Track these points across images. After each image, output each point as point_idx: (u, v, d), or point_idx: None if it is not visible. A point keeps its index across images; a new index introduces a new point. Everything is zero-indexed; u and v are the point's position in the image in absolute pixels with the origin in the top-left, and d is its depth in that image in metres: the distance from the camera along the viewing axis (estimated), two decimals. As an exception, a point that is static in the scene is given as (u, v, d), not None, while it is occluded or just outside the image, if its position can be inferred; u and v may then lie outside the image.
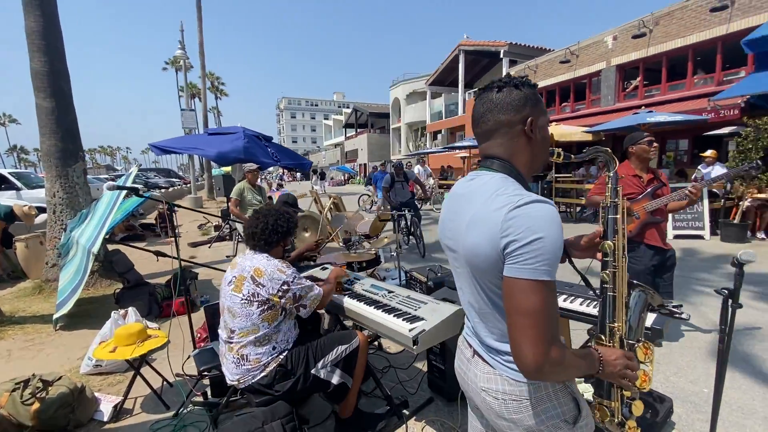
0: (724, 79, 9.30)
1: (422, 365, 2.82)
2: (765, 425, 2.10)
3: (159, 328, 2.99)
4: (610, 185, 1.06)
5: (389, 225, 6.04)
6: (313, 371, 1.93)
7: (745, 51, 7.41)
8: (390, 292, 2.32)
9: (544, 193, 10.57)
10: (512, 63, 16.99)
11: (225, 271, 2.06)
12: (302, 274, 2.14)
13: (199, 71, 17.89)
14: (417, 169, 13.81)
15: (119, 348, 2.43)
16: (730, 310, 1.58)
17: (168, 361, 2.69)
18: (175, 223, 3.18)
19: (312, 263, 3.18)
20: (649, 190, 2.71)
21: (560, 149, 1.05)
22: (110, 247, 5.36)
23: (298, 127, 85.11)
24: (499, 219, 0.82)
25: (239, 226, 5.05)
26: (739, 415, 2.19)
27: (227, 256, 6.60)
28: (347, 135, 41.59)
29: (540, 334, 0.79)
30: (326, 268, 2.95)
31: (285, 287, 1.87)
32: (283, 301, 1.86)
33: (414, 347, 1.78)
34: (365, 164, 34.85)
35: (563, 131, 9.25)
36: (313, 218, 5.40)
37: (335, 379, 1.98)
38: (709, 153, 7.24)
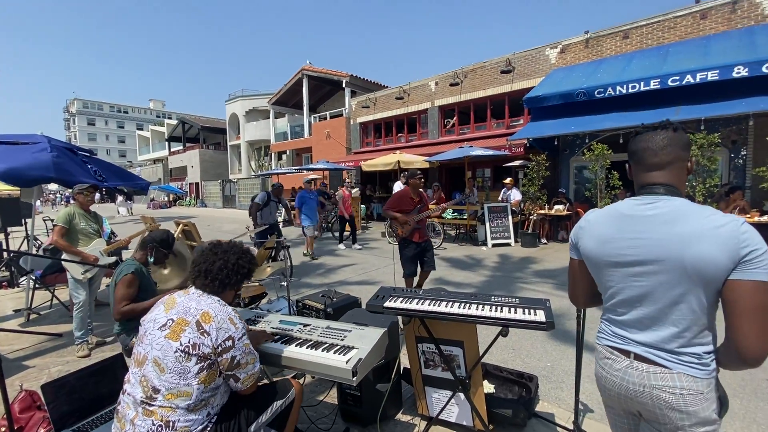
0: (511, 124, 12.40)
1: (327, 397, 2.73)
2: (591, 383, 2.88)
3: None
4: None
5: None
6: None
7: (525, 105, 10.11)
8: (306, 325, 2.20)
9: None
10: (353, 93, 18.34)
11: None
12: None
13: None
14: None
15: None
16: (581, 301, 2.13)
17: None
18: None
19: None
20: (417, 207, 4.30)
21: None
22: None
23: (99, 136, 69.03)
24: (732, 234, 0.99)
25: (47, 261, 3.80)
26: (570, 375, 2.93)
27: (14, 311, 4.86)
28: (172, 149, 36.35)
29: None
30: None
31: (228, 344, 1.51)
32: (218, 359, 1.50)
33: (353, 379, 1.74)
34: (197, 183, 31.09)
35: (407, 159, 10.53)
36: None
37: None
38: (508, 180, 9.50)
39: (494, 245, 8.70)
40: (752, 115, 6.97)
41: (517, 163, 10.29)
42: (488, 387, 2.65)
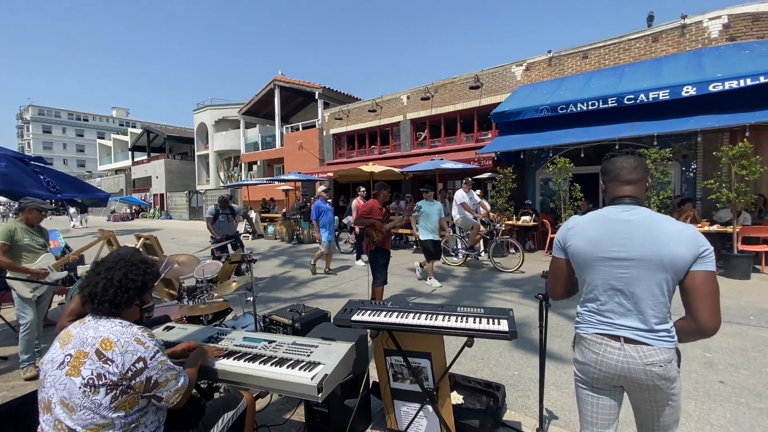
0: (480, 138, 12.77)
1: (294, 415, 2.65)
2: (557, 390, 2.95)
3: None
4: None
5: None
6: None
7: (492, 120, 10.45)
8: (271, 341, 2.13)
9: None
10: (326, 105, 18.37)
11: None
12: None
13: None
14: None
15: None
16: (544, 308, 2.20)
17: None
18: None
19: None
20: (386, 217, 4.71)
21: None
22: None
23: (55, 145, 65.34)
24: (693, 236, 1.32)
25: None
26: (536, 383, 2.99)
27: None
28: (135, 159, 34.95)
29: (719, 306, 1.31)
30: (171, 328, 2.44)
31: (139, 366, 1.40)
32: (132, 383, 1.39)
33: (319, 395, 1.70)
34: (162, 194, 29.93)
35: (381, 170, 10.57)
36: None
37: None
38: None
39: (465, 255, 8.82)
40: (700, 132, 7.52)
41: (485, 175, 10.57)
42: (457, 398, 2.65)
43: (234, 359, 1.97)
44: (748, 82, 6.90)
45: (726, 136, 8.29)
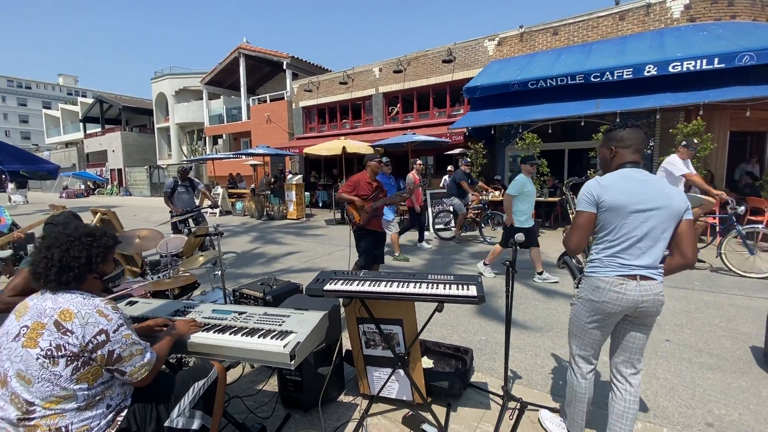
0: (453, 113, 12.77)
1: (266, 386, 2.66)
2: (520, 352, 3.11)
3: None
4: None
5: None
6: (167, 424, 1.54)
7: (464, 95, 10.44)
8: (242, 313, 2.10)
9: (336, 200, 11.55)
10: (295, 76, 17.66)
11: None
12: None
13: None
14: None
15: None
16: (511, 274, 2.27)
17: None
18: None
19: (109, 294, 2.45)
20: (374, 193, 4.04)
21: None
22: None
23: (-5, 115, 59.79)
24: (682, 194, 1.74)
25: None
26: (501, 346, 3.15)
27: None
28: (88, 132, 32.55)
29: (696, 244, 1.78)
30: (134, 302, 2.35)
31: (101, 338, 1.35)
32: (93, 356, 1.34)
33: (292, 363, 1.70)
34: (120, 169, 28.24)
35: (353, 144, 10.41)
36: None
37: (196, 424, 1.64)
38: (450, 168, 9.79)
39: (436, 230, 8.98)
40: (659, 110, 7.85)
41: (457, 151, 10.65)
42: (427, 362, 2.74)
43: (203, 331, 1.93)
44: (704, 63, 7.23)
45: (682, 115, 8.71)
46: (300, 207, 11.84)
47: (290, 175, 12.29)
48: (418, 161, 7.29)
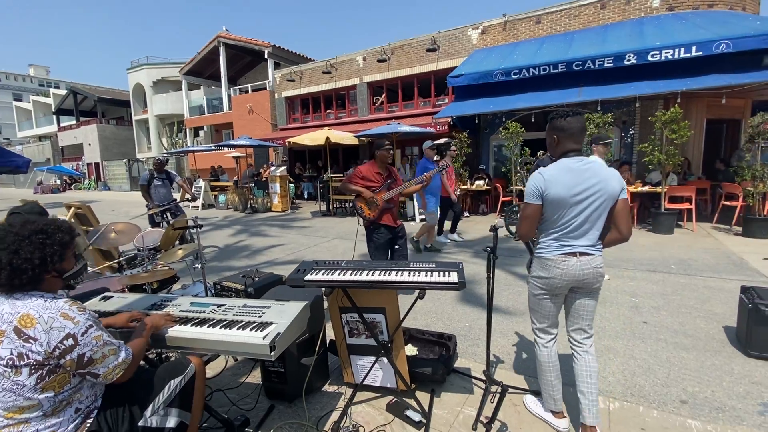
0: (437, 103, 12.72)
1: (250, 378, 2.63)
2: (503, 337, 3.15)
3: None
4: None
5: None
6: (141, 423, 1.49)
7: (448, 84, 10.40)
8: (220, 305, 2.06)
9: (321, 191, 11.46)
10: (277, 66, 17.29)
11: None
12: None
13: None
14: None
15: None
16: (492, 261, 2.28)
17: None
18: None
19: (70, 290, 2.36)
20: (385, 183, 3.66)
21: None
22: None
23: (-38, 107, 56.91)
24: (618, 176, 1.88)
25: None
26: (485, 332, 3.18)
27: None
28: (62, 124, 31.35)
29: (631, 220, 2.00)
30: (109, 297, 2.28)
31: (68, 343, 1.26)
32: (61, 362, 1.27)
33: (271, 354, 1.68)
34: (98, 163, 27.36)
35: (336, 135, 10.29)
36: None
37: (172, 422, 1.60)
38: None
39: (422, 220, 8.99)
40: (638, 98, 7.97)
41: (442, 140, 10.62)
42: (412, 350, 2.76)
43: (180, 325, 1.89)
44: (682, 51, 7.35)
45: (661, 103, 8.86)
46: (285, 199, 11.70)
47: (274, 167, 12.11)
48: (453, 147, 6.63)
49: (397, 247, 3.76)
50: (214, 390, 2.48)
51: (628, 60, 7.85)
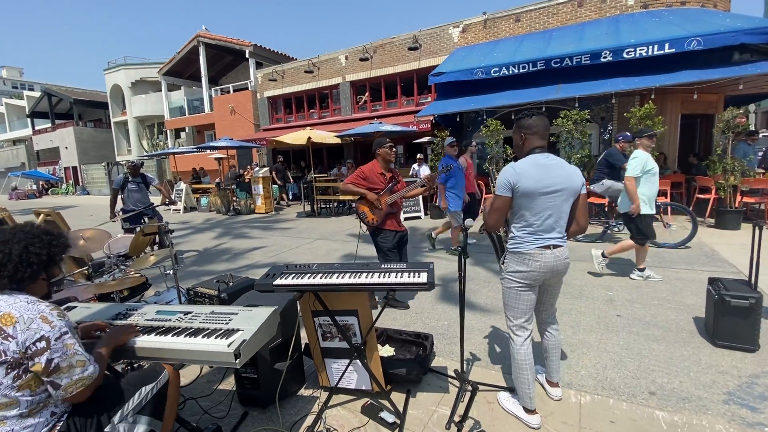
0: (420, 101, 12.74)
1: (223, 384, 2.59)
2: (480, 334, 3.18)
3: None
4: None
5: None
6: (108, 429, 1.45)
7: (429, 82, 10.42)
8: (187, 313, 2.02)
9: (305, 192, 11.37)
10: (259, 65, 17.07)
11: None
12: None
13: None
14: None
15: None
16: (463, 260, 2.29)
17: None
18: None
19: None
20: (388, 186, 3.48)
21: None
22: None
23: (-70, 111, 54.52)
24: (579, 172, 2.02)
25: None
26: (472, 332, 3.20)
27: None
28: (37, 128, 30.37)
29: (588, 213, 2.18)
30: (72, 307, 2.21)
31: (40, 345, 1.29)
32: (32, 363, 1.28)
33: (236, 361, 1.65)
34: (75, 167, 26.61)
35: (319, 135, 10.22)
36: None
37: (140, 430, 1.57)
38: (419, 156, 9.83)
39: (406, 218, 9.02)
40: (615, 95, 8.12)
41: (425, 139, 10.67)
42: (389, 350, 2.75)
43: (145, 334, 1.85)
44: (656, 48, 7.51)
45: (637, 99, 9.05)
46: (268, 200, 11.58)
47: (257, 168, 11.96)
48: (474, 143, 6.33)
49: (403, 250, 3.64)
50: (187, 398, 2.43)
51: (605, 57, 7.99)
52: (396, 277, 2.02)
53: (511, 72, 8.94)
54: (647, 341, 2.96)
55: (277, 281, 2.08)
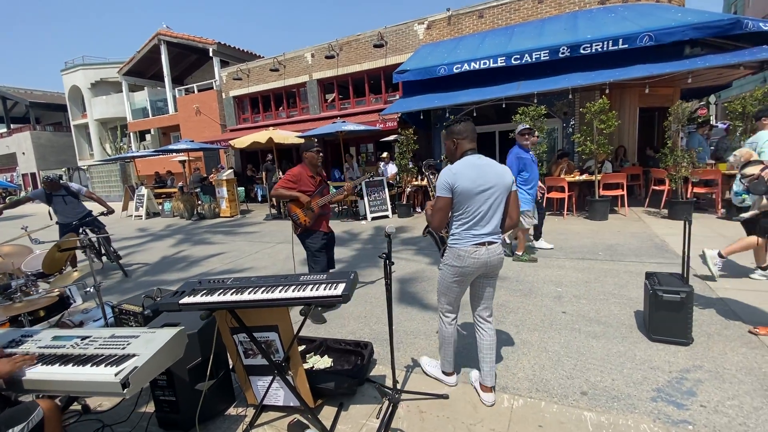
0: (388, 99, 12.63)
1: (135, 408, 2.43)
2: (426, 339, 3.12)
3: None
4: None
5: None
6: None
7: (394, 80, 10.34)
8: (85, 338, 1.87)
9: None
10: (224, 63, 16.58)
11: None
12: None
13: None
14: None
15: None
16: (388, 267, 2.21)
17: None
18: None
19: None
20: (318, 189, 3.55)
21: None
22: None
23: None
24: (509, 171, 2.14)
25: None
26: (409, 335, 3.14)
27: None
28: (-7, 133, 28.70)
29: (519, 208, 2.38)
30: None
31: None
32: None
33: (125, 391, 1.52)
34: (34, 173, 25.30)
35: (281, 135, 9.98)
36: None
37: None
38: (385, 155, 9.73)
39: (374, 218, 8.94)
40: (574, 90, 8.24)
41: (392, 137, 10.58)
42: (326, 362, 2.66)
43: (37, 365, 1.70)
44: (610, 44, 7.65)
45: (597, 94, 9.22)
46: (233, 204, 11.26)
47: (222, 170, 11.61)
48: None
49: (332, 251, 3.78)
50: (104, 426, 2.27)
51: (563, 53, 8.08)
52: (312, 290, 1.92)
53: (473, 68, 8.95)
54: (587, 338, 2.96)
55: (184, 299, 1.94)
